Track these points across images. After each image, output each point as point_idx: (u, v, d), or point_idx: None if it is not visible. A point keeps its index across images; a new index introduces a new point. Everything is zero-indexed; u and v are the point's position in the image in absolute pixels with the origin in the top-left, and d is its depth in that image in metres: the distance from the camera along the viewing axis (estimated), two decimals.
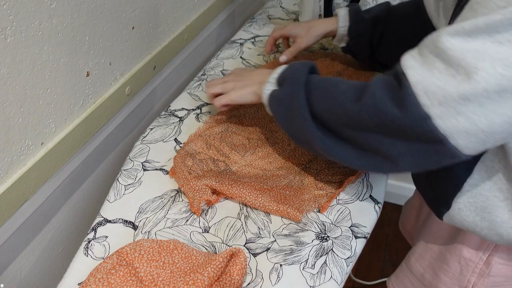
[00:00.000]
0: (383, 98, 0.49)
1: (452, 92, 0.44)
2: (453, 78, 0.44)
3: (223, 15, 1.15)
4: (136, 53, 0.83)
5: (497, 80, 0.42)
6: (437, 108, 0.45)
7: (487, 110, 0.44)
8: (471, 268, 0.67)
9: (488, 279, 0.66)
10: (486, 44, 0.42)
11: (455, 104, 0.44)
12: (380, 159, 0.53)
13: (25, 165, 0.64)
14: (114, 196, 0.66)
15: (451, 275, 0.70)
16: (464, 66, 0.43)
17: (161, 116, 0.82)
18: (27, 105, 0.61)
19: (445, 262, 0.71)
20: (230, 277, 0.53)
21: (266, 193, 0.64)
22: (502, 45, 0.42)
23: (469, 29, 0.43)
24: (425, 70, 0.46)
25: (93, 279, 0.52)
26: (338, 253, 0.58)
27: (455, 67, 0.44)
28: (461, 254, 0.67)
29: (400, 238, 1.56)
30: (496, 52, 0.42)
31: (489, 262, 0.65)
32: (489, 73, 0.42)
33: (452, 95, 0.44)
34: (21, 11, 0.56)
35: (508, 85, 0.42)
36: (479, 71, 0.42)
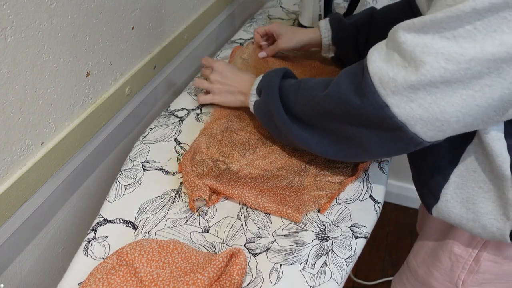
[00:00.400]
0: (346, 87, 0.54)
1: (401, 81, 0.48)
2: (404, 69, 0.48)
3: (223, 15, 1.15)
4: (136, 53, 0.83)
5: (441, 73, 0.46)
6: (391, 97, 0.49)
7: (437, 98, 0.47)
8: (461, 265, 0.68)
9: (478, 276, 0.67)
10: (435, 39, 0.46)
11: (406, 92, 0.48)
12: (352, 147, 0.58)
13: (25, 165, 0.64)
14: (114, 196, 0.66)
15: (442, 271, 0.71)
16: (414, 59, 0.47)
17: (161, 116, 0.82)
18: (27, 105, 0.61)
19: (437, 258, 0.72)
20: (230, 277, 0.53)
21: (266, 193, 0.64)
22: (448, 40, 0.45)
23: (419, 25, 0.47)
24: (384, 62, 0.50)
25: (93, 279, 0.52)
26: (338, 253, 0.58)
27: (407, 59, 0.48)
28: (452, 250, 0.69)
29: (400, 238, 1.56)
30: (442, 47, 0.45)
31: (478, 259, 0.66)
32: (433, 66, 0.46)
33: (402, 85, 0.48)
34: (21, 11, 0.56)
35: (451, 77, 0.46)
36: (425, 65, 0.46)
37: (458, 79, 0.46)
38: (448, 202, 0.60)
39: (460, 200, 0.59)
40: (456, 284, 0.70)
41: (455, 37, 0.45)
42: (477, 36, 0.44)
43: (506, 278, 0.67)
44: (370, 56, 0.53)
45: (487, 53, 0.44)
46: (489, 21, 0.43)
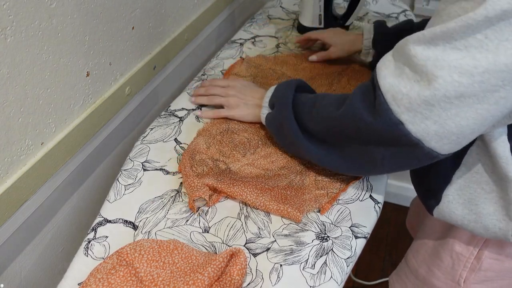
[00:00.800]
0: (360, 106, 0.53)
1: (415, 98, 0.47)
2: (417, 84, 0.47)
3: (223, 15, 1.15)
4: (136, 53, 0.83)
5: (454, 87, 0.44)
6: (406, 114, 0.48)
7: (452, 114, 0.46)
8: (462, 263, 0.69)
9: (479, 274, 0.67)
10: (446, 50, 0.45)
11: (421, 109, 0.47)
12: (365, 163, 0.58)
13: (25, 165, 0.64)
14: (114, 196, 0.66)
15: (443, 269, 0.72)
16: (426, 73, 0.46)
17: (161, 116, 0.82)
18: (27, 105, 0.61)
19: (438, 257, 0.72)
20: (230, 277, 0.53)
21: (267, 192, 0.64)
22: (460, 51, 0.44)
23: (429, 36, 0.46)
24: (395, 77, 0.49)
25: (93, 279, 0.52)
26: (338, 253, 0.58)
27: (419, 73, 0.47)
28: (453, 248, 0.69)
29: (400, 238, 1.56)
30: (454, 60, 0.44)
31: (479, 257, 0.67)
32: (446, 80, 0.45)
33: (416, 101, 0.47)
34: (21, 11, 0.56)
35: (465, 91, 0.44)
36: (438, 79, 0.45)
37: (473, 93, 0.44)
38: (450, 204, 0.60)
39: (462, 201, 0.59)
40: (458, 282, 0.70)
41: (466, 48, 0.44)
42: (489, 46, 0.43)
43: (508, 275, 0.67)
44: (379, 72, 0.51)
45: (500, 64, 0.43)
46: (501, 29, 0.42)
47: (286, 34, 1.10)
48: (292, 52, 1.01)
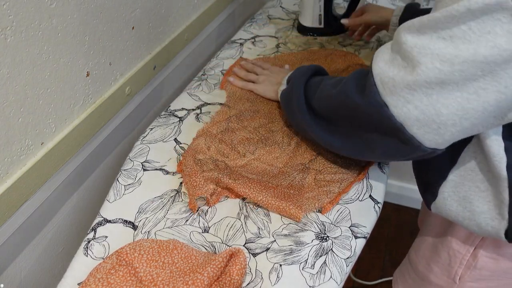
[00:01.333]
0: (352, 86, 0.56)
1: (399, 81, 0.49)
2: (404, 69, 0.49)
3: (223, 15, 1.15)
4: (136, 53, 0.83)
5: (435, 74, 0.46)
6: (390, 97, 0.50)
7: (432, 100, 0.47)
8: (458, 260, 0.69)
9: (475, 272, 0.68)
10: (433, 39, 0.46)
11: (403, 93, 0.49)
12: (361, 145, 0.60)
13: (25, 165, 0.64)
14: (114, 196, 0.66)
15: (441, 265, 0.72)
16: (411, 59, 0.48)
17: (161, 116, 0.82)
18: (27, 105, 0.61)
19: (437, 253, 0.73)
20: (230, 277, 0.53)
21: (270, 190, 0.64)
22: (444, 41, 0.46)
23: (418, 25, 0.47)
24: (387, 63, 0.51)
25: (93, 279, 0.52)
26: (338, 253, 0.58)
27: (407, 60, 0.49)
28: (451, 245, 0.70)
29: (400, 238, 1.56)
30: (438, 48, 0.46)
31: (475, 255, 0.67)
32: (428, 67, 0.46)
33: (400, 85, 0.49)
34: (21, 11, 0.56)
35: (445, 79, 0.46)
36: (421, 65, 0.47)
37: (453, 81, 0.46)
38: (446, 200, 0.61)
39: (457, 198, 0.60)
40: (453, 279, 0.71)
41: (451, 38, 0.45)
42: (472, 37, 0.44)
43: (503, 275, 0.67)
44: (375, 58, 0.54)
45: (479, 55, 0.44)
46: (483, 22, 0.43)
47: (286, 34, 1.10)
48: (292, 52, 1.01)
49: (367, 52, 1.01)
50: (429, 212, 0.78)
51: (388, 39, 1.06)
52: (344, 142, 0.62)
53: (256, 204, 0.65)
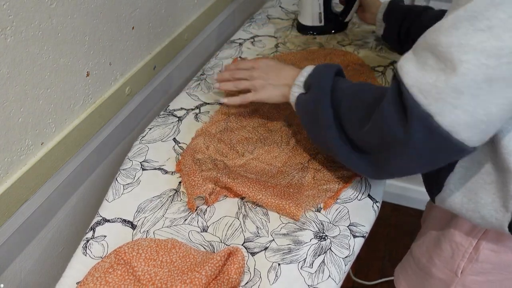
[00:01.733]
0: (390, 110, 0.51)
1: (443, 86, 0.45)
2: (443, 72, 0.45)
3: (223, 15, 1.15)
4: (136, 53, 0.84)
5: (482, 70, 0.43)
6: (434, 105, 0.46)
7: (481, 101, 0.45)
8: (461, 253, 0.69)
9: (476, 265, 0.68)
10: (469, 33, 0.43)
11: (450, 98, 0.45)
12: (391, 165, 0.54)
13: (25, 165, 0.64)
14: (113, 195, 0.66)
15: (443, 258, 0.72)
16: (451, 60, 0.44)
17: (160, 116, 0.82)
18: (27, 105, 0.62)
19: (439, 246, 0.73)
20: (228, 276, 0.53)
21: (269, 189, 0.64)
22: (483, 33, 0.43)
23: (451, 21, 0.45)
24: (419, 69, 0.48)
25: (91, 278, 0.52)
26: (336, 252, 0.59)
27: (444, 61, 0.45)
28: (453, 238, 0.70)
29: (400, 238, 1.56)
30: (479, 42, 0.43)
31: (477, 248, 0.67)
32: (473, 64, 0.43)
33: (445, 90, 0.45)
34: (21, 11, 0.56)
35: (493, 74, 0.43)
36: (464, 63, 0.44)
37: (501, 76, 0.43)
38: (451, 192, 0.60)
39: (462, 190, 0.59)
40: (455, 272, 0.70)
41: (490, 29, 0.42)
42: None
43: (505, 269, 0.67)
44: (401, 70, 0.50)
45: None
46: None
47: (285, 34, 1.10)
48: (291, 52, 1.02)
49: (366, 52, 1.01)
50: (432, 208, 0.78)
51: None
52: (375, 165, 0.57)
53: (254, 203, 0.65)
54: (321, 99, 0.61)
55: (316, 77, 0.65)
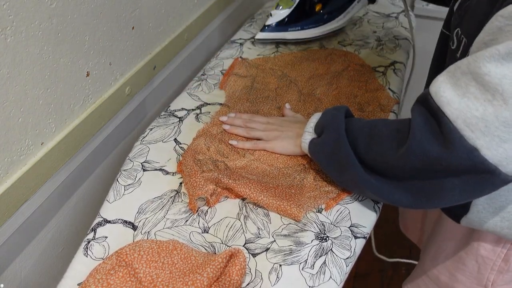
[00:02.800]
0: (427, 140, 0.49)
1: (492, 120, 0.44)
2: (490, 104, 0.44)
3: (223, 15, 1.15)
4: (136, 53, 0.83)
5: None
6: (482, 139, 0.45)
7: None
8: (489, 266, 0.67)
9: (508, 275, 0.66)
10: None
11: (498, 132, 0.44)
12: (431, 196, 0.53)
13: (25, 165, 0.64)
14: (114, 196, 0.66)
15: (468, 274, 0.70)
16: (501, 92, 0.43)
17: (160, 117, 0.82)
18: (27, 105, 0.61)
19: (461, 262, 0.71)
20: (229, 277, 0.53)
21: (271, 190, 0.64)
22: None
23: (504, 52, 0.43)
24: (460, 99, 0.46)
25: (93, 279, 0.52)
26: (338, 253, 0.59)
27: (491, 92, 0.44)
28: (478, 252, 0.67)
29: (400, 238, 1.55)
30: None
31: (507, 258, 0.65)
32: None
33: (494, 123, 0.44)
34: (21, 11, 0.56)
35: None
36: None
37: None
38: (480, 213, 0.59)
39: (492, 210, 0.58)
40: (485, 285, 0.69)
41: None
42: None
43: None
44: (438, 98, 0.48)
45: None
46: None
47: None
48: (292, 52, 1.01)
49: (367, 52, 1.01)
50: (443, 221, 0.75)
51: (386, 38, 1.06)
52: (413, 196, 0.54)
53: (255, 204, 0.65)
54: (338, 138, 0.60)
55: (327, 119, 0.64)
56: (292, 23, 0.94)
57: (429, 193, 0.53)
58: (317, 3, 0.97)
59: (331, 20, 0.97)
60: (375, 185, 0.57)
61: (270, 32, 0.97)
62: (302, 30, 0.95)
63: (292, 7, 0.92)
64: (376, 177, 0.57)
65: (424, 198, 0.54)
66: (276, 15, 0.93)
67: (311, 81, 0.91)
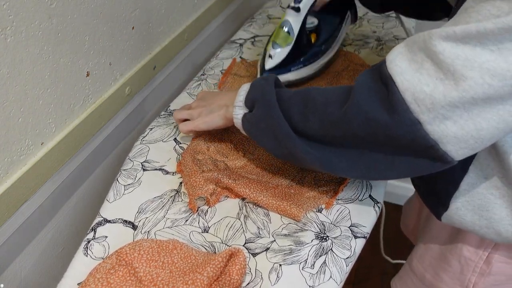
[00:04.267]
0: (371, 105, 0.49)
1: (440, 99, 0.45)
2: (441, 82, 0.45)
3: (223, 15, 1.15)
4: (136, 53, 0.84)
5: (484, 89, 0.43)
6: (426, 114, 0.46)
7: (474, 115, 0.45)
8: (471, 268, 0.67)
9: (489, 278, 0.66)
10: (476, 50, 0.43)
11: (443, 110, 0.45)
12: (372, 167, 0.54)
13: (25, 165, 0.64)
14: (114, 196, 0.66)
15: (451, 274, 0.70)
16: (453, 72, 0.44)
17: (160, 116, 0.82)
18: (27, 105, 0.61)
19: (446, 262, 0.71)
20: (230, 277, 0.53)
21: (270, 190, 0.64)
22: (492, 53, 0.42)
23: (460, 34, 0.43)
24: (413, 72, 0.46)
25: (93, 279, 0.52)
26: (338, 253, 0.59)
27: (444, 71, 0.44)
28: (461, 253, 0.68)
29: (400, 238, 1.55)
30: (486, 61, 0.42)
31: (489, 261, 0.65)
32: (477, 82, 0.43)
33: (440, 102, 0.45)
34: (21, 11, 0.56)
35: (494, 94, 0.43)
36: (467, 80, 0.43)
37: (500, 95, 0.43)
38: (459, 210, 0.59)
39: (471, 207, 0.58)
40: (467, 287, 0.69)
41: (499, 50, 0.42)
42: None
43: None
44: (392, 66, 0.48)
45: None
46: None
47: None
48: None
49: (367, 52, 1.01)
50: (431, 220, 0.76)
51: (387, 39, 1.06)
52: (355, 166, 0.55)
53: (255, 204, 0.65)
54: (270, 113, 0.58)
55: (257, 92, 0.61)
56: (293, 61, 0.85)
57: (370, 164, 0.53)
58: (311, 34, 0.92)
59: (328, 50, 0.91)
60: (315, 156, 0.56)
61: None
62: (304, 67, 0.88)
63: (291, 44, 0.83)
64: (317, 148, 0.56)
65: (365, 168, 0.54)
66: (276, 57, 0.83)
67: (310, 81, 0.91)
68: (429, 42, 0.46)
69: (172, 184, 0.68)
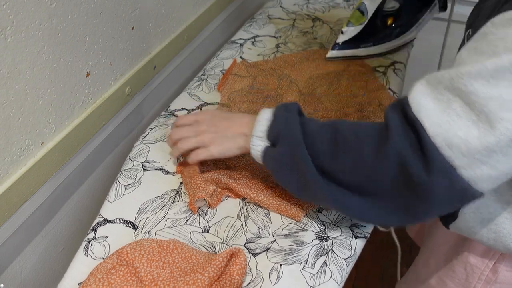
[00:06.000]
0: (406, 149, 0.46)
1: (476, 144, 0.42)
2: (475, 126, 0.42)
3: (223, 15, 1.15)
4: (136, 53, 0.83)
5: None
6: (460, 160, 0.43)
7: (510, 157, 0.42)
8: (477, 275, 0.66)
9: (495, 286, 0.65)
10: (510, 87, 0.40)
11: (479, 155, 0.42)
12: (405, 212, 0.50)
13: (25, 165, 0.64)
14: (114, 196, 0.66)
15: (457, 281, 0.69)
16: (487, 113, 0.41)
17: (161, 116, 0.82)
18: (27, 105, 0.61)
19: (451, 269, 0.70)
20: (230, 277, 0.53)
21: (270, 190, 0.64)
22: None
23: (492, 69, 0.40)
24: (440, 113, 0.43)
25: (93, 279, 0.52)
26: (338, 253, 0.58)
27: (476, 112, 0.42)
28: (467, 260, 0.67)
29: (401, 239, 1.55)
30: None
31: (495, 270, 0.65)
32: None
33: (477, 148, 0.42)
34: (21, 11, 0.56)
35: None
36: (504, 121, 0.40)
37: None
38: (467, 222, 0.58)
39: (479, 220, 0.57)
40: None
41: None
42: None
43: None
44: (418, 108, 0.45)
45: None
46: None
47: (286, 34, 1.09)
48: (292, 52, 1.01)
49: None
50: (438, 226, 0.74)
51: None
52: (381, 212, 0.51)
53: (256, 204, 0.65)
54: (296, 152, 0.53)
55: (282, 125, 0.56)
56: (364, 39, 0.92)
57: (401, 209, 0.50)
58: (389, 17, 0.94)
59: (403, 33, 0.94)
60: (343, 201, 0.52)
61: (341, 50, 0.94)
62: (374, 46, 0.93)
63: (364, 24, 0.90)
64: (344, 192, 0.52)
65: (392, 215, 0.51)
66: (347, 33, 0.92)
67: (311, 81, 0.91)
68: (457, 81, 0.43)
69: (173, 184, 0.68)
